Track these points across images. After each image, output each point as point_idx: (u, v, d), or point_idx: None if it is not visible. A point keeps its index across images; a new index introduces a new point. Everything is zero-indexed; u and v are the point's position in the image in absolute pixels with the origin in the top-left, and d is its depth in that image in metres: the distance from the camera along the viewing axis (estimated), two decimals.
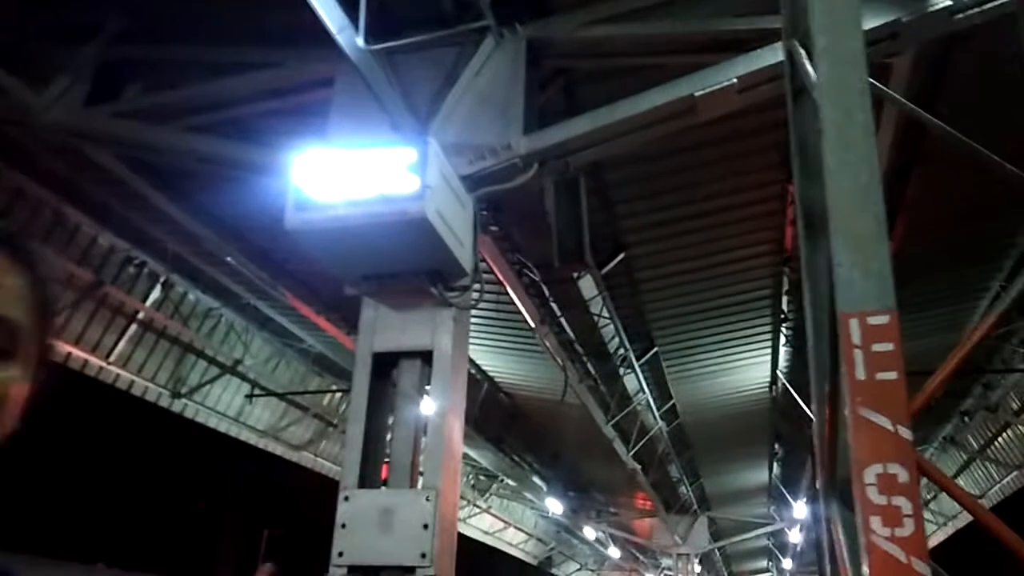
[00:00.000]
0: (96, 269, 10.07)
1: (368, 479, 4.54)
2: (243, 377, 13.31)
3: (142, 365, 11.82)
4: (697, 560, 24.89)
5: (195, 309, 11.86)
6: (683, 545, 23.58)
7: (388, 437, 4.78)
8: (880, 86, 2.62)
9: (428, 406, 4.61)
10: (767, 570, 33.93)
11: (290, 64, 5.62)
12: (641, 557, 30.70)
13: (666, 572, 28.59)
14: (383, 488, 4.63)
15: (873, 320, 1.88)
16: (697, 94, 4.76)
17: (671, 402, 13.40)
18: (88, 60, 5.82)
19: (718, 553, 28.85)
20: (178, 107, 5.85)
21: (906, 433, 1.79)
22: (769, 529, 23.86)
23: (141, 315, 11.25)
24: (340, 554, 4.31)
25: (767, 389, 13.15)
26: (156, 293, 11.11)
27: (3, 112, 5.92)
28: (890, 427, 1.79)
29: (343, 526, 4.36)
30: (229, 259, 8.76)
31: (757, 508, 23.27)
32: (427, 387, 4.69)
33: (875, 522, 1.74)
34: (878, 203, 1.94)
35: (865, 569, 1.71)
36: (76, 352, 10.62)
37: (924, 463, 1.98)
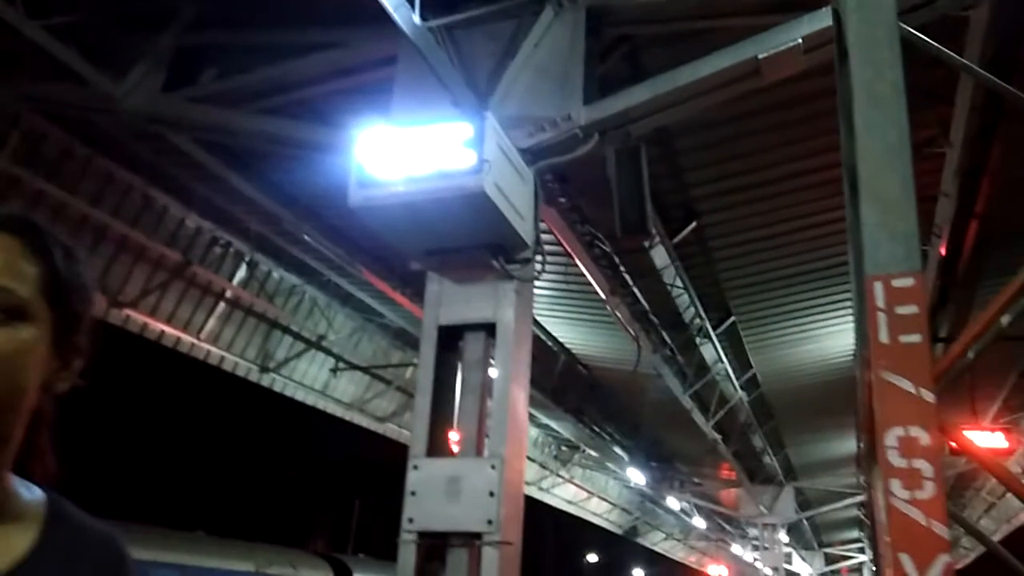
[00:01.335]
0: (184, 250, 10.49)
1: (436, 448, 4.67)
2: (328, 352, 13.70)
3: (231, 341, 12.30)
4: (784, 530, 24.53)
5: (279, 286, 12.26)
6: (769, 515, 23.26)
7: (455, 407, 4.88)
8: (943, 49, 2.51)
9: (493, 376, 4.69)
10: (859, 540, 33.12)
11: (353, 44, 5.73)
12: (727, 527, 30.45)
13: (753, 542, 28.28)
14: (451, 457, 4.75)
15: (897, 283, 1.83)
16: (761, 56, 4.63)
17: (751, 372, 13.17)
18: (164, 48, 6.07)
19: (806, 523, 28.31)
20: (249, 90, 6.04)
21: (929, 396, 1.75)
22: (859, 499, 23.24)
23: (228, 293, 11.69)
24: (410, 520, 4.46)
25: (851, 357, 12.77)
26: (242, 272, 11.54)
27: (88, 101, 6.25)
28: (912, 390, 1.76)
29: (413, 493, 4.49)
30: (306, 237, 9.02)
31: (846, 478, 22.68)
32: (492, 358, 4.77)
33: (895, 485, 1.72)
34: (906, 164, 1.87)
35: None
36: (169, 330, 11.13)
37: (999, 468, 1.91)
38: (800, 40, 4.48)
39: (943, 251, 7.83)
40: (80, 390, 1.12)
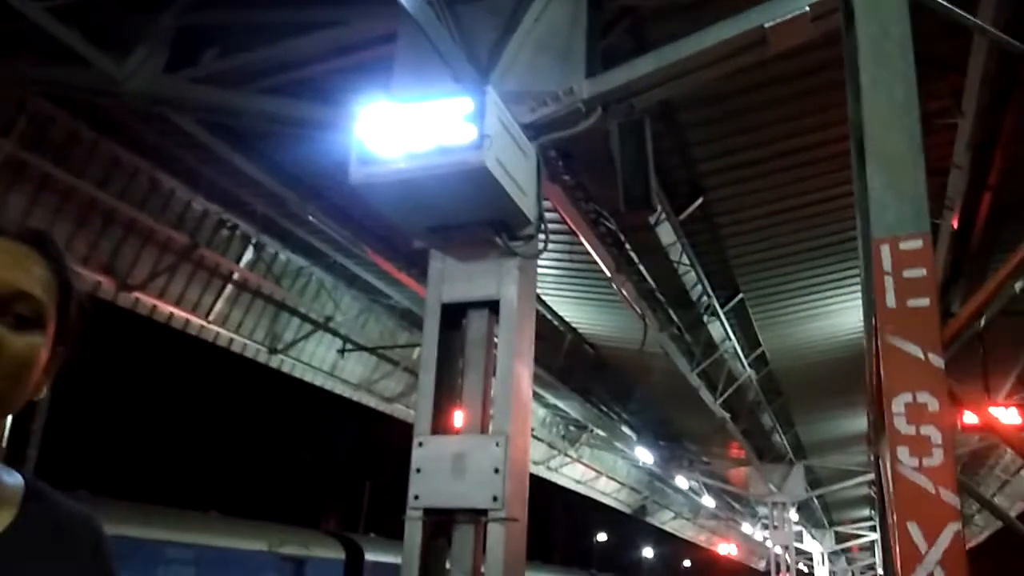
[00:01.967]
0: (191, 232, 10.50)
1: (441, 425, 4.66)
2: (335, 333, 13.74)
3: (240, 323, 12.34)
4: (794, 509, 24.57)
5: (286, 268, 12.28)
6: (778, 494, 23.29)
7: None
8: (953, 9, 2.45)
9: (497, 354, 4.67)
10: (869, 518, 33.15)
11: (354, 21, 5.67)
12: (737, 506, 30.53)
13: (763, 521, 28.36)
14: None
15: (905, 245, 1.77)
16: (767, 25, 4.54)
17: (760, 349, 13.12)
18: (165, 28, 6.03)
19: (816, 502, 28.34)
20: (250, 70, 6.00)
21: (938, 361, 1.70)
22: (869, 478, 23.22)
23: (236, 275, 11.71)
24: (416, 497, 4.46)
25: (861, 334, 12.68)
26: (249, 254, 11.55)
27: (92, 83, 6.22)
28: (920, 355, 1.71)
29: (418, 470, 4.49)
30: (311, 218, 9.00)
31: (856, 456, 22.67)
32: (496, 336, 4.74)
33: (902, 452, 1.67)
34: (914, 122, 1.82)
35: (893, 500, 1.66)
36: (177, 312, 11.17)
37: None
38: (807, 8, 4.39)
39: (955, 224, 7.75)
40: (95, 374, 1.17)
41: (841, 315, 11.92)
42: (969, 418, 6.88)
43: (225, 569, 12.38)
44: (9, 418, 1.10)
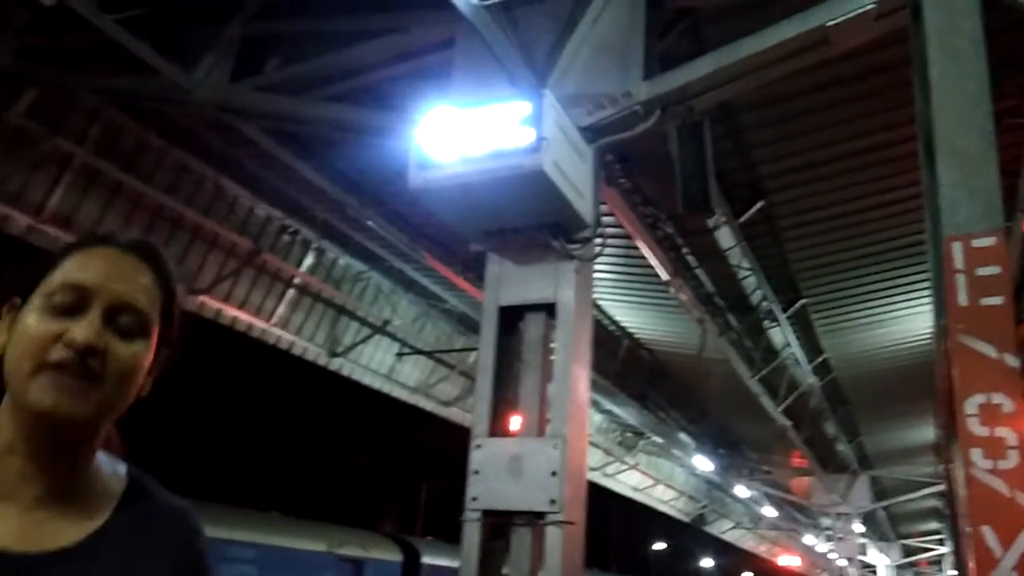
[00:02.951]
0: (255, 238, 10.75)
1: (498, 428, 4.68)
2: (392, 337, 13.90)
3: (300, 326, 12.57)
4: (859, 520, 23.91)
5: (346, 273, 12.48)
6: (843, 504, 22.69)
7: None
8: None
9: (554, 357, 4.67)
10: (938, 532, 32.06)
11: (414, 28, 5.76)
12: (799, 516, 29.84)
13: (826, 532, 27.66)
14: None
15: (978, 243, 1.72)
16: (829, 24, 4.47)
17: (822, 356, 12.82)
18: (231, 38, 6.21)
19: (882, 513, 27.52)
20: (313, 78, 6.14)
21: (1012, 361, 1.64)
22: (938, 489, 22.47)
23: (297, 280, 11.95)
24: (474, 499, 4.49)
25: (930, 340, 12.30)
26: (310, 259, 11.79)
27: (160, 92, 6.44)
28: (994, 355, 1.65)
29: (476, 472, 4.52)
30: (370, 223, 9.14)
31: (924, 467, 21.95)
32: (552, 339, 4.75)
33: (976, 455, 1.62)
34: (986, 117, 1.76)
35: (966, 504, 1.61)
36: (242, 315, 11.44)
37: None
38: (871, 5, 4.30)
39: None
40: (161, 376, 1.23)
41: (908, 321, 11.57)
42: None
43: (286, 568, 12.60)
44: None
